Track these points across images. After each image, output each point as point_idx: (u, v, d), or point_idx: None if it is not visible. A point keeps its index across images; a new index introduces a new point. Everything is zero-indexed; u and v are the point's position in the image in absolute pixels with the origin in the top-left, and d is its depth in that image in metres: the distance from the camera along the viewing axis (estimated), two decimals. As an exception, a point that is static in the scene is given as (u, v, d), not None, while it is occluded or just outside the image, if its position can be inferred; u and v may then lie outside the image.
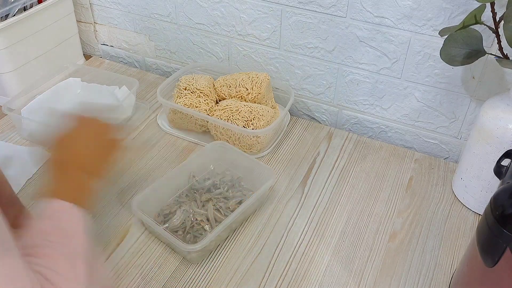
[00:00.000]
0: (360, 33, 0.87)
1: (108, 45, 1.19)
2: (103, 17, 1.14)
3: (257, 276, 0.68)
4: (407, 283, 0.68)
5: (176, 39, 1.08)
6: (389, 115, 0.94)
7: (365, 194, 0.82)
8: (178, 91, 0.93)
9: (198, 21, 1.02)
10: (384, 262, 0.70)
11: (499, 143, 0.70)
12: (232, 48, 1.02)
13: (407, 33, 0.83)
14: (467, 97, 0.85)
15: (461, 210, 0.79)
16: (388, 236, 0.74)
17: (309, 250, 0.72)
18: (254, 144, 0.87)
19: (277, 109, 0.96)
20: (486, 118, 0.71)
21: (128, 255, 0.70)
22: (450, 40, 0.70)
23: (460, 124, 0.88)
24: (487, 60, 0.79)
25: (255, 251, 0.71)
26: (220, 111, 0.88)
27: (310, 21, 0.90)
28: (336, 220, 0.77)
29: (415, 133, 0.93)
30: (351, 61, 0.91)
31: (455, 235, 0.75)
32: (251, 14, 0.95)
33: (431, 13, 0.79)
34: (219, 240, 0.72)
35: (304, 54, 0.94)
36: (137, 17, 1.09)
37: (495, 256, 0.51)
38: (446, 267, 0.70)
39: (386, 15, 0.83)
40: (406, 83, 0.88)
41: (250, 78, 0.91)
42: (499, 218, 0.50)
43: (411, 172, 0.87)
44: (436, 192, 0.82)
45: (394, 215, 0.78)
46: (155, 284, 0.66)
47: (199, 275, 0.68)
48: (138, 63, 1.18)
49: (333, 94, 0.97)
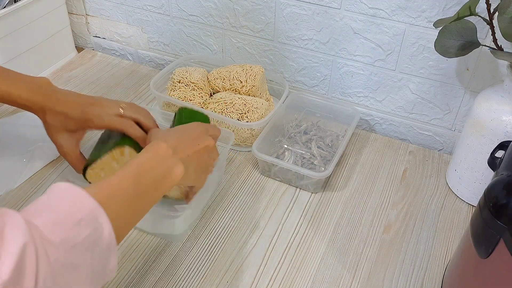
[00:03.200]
0: (354, 24, 0.86)
1: (100, 37, 1.18)
2: (95, 9, 1.13)
3: (252, 269, 0.68)
4: (401, 275, 0.68)
5: (169, 31, 1.07)
6: (383, 107, 0.94)
7: (360, 186, 0.82)
8: (171, 84, 0.92)
9: (192, 12, 1.01)
10: (379, 254, 0.71)
11: (493, 135, 0.70)
12: (226, 40, 1.01)
13: (402, 24, 0.83)
14: (461, 89, 0.85)
15: (455, 201, 0.80)
16: (383, 228, 0.75)
17: (304, 243, 0.72)
18: (249, 137, 0.87)
19: (272, 102, 0.96)
20: (480, 109, 0.72)
21: (122, 249, 0.70)
22: (445, 32, 0.70)
23: (454, 116, 0.88)
24: (481, 51, 0.79)
25: (250, 244, 0.71)
26: (214, 104, 0.87)
27: (304, 12, 0.89)
28: (330, 212, 0.77)
29: (409, 125, 0.93)
30: (345, 53, 0.90)
31: (449, 227, 0.75)
32: (245, 6, 0.94)
33: (426, 4, 0.79)
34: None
35: (298, 46, 0.94)
36: (130, 9, 1.08)
37: (489, 247, 0.51)
38: (440, 258, 0.71)
39: (381, 7, 0.82)
40: (400, 75, 0.88)
41: (244, 70, 0.91)
42: (493, 210, 0.50)
43: (406, 164, 0.87)
44: (430, 184, 0.83)
45: (389, 207, 0.78)
46: (150, 277, 0.66)
47: (194, 267, 0.68)
48: (131, 56, 1.17)
49: (328, 86, 0.96)
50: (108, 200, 0.46)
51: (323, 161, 0.82)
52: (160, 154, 0.55)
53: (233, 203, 0.78)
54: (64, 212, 0.42)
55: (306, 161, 0.82)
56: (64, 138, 0.69)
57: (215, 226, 0.74)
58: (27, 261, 0.36)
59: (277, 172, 0.81)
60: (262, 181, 0.82)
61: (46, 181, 0.80)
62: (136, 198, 0.51)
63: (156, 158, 0.55)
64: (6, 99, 0.67)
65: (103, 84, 1.05)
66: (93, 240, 0.43)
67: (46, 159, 0.83)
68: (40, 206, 0.42)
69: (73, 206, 0.43)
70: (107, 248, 0.44)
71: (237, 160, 0.86)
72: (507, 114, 0.69)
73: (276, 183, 0.82)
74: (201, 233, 0.73)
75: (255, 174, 0.83)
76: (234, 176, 0.83)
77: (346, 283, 0.67)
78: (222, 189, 0.80)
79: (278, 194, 0.80)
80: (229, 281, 0.66)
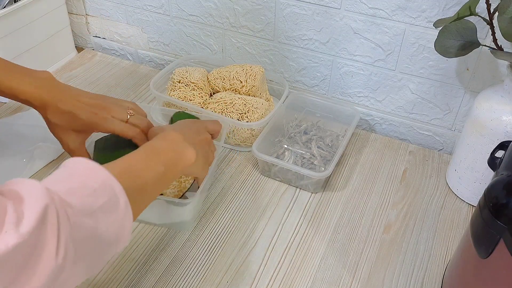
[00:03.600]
0: (354, 24, 0.86)
1: (100, 37, 1.18)
2: (95, 9, 1.13)
3: (252, 269, 0.68)
4: (401, 275, 0.68)
5: (169, 31, 1.07)
6: (383, 107, 0.94)
7: (360, 186, 0.82)
8: (171, 84, 0.92)
9: (192, 12, 1.01)
10: (379, 254, 0.71)
11: (493, 135, 0.70)
12: (226, 40, 1.01)
13: (402, 24, 0.83)
14: (461, 89, 0.85)
15: (455, 201, 0.80)
16: (383, 228, 0.75)
17: (304, 243, 0.72)
18: (249, 137, 0.87)
19: (272, 102, 0.96)
20: (480, 109, 0.72)
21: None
22: (445, 32, 0.70)
23: (454, 116, 0.88)
24: (481, 51, 0.79)
25: (250, 244, 0.71)
26: (214, 104, 0.87)
27: (304, 12, 0.89)
28: (330, 212, 0.77)
29: (409, 125, 0.93)
30: (345, 53, 0.90)
31: (449, 227, 0.75)
32: (245, 6, 0.94)
33: (426, 4, 0.79)
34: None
35: (298, 46, 0.94)
36: (130, 9, 1.08)
37: (489, 247, 0.51)
38: (440, 258, 0.71)
39: (381, 7, 0.82)
40: (400, 75, 0.88)
41: (244, 70, 0.91)
42: (493, 210, 0.50)
43: (406, 164, 0.87)
44: (430, 184, 0.83)
45: (389, 207, 0.78)
46: (150, 277, 0.66)
47: (194, 267, 0.68)
48: (131, 56, 1.16)
49: (328, 86, 0.96)
50: (122, 174, 0.47)
51: (323, 161, 0.82)
52: (172, 139, 0.58)
53: (233, 203, 0.78)
54: (80, 182, 0.43)
55: (306, 161, 0.82)
56: (70, 137, 0.69)
57: (215, 226, 0.74)
58: (49, 219, 0.37)
59: (277, 172, 0.81)
60: (262, 181, 0.82)
61: (46, 181, 0.80)
62: (150, 178, 0.52)
63: (168, 142, 0.57)
64: (7, 93, 0.66)
65: (103, 84, 1.05)
66: (109, 207, 0.44)
67: (46, 159, 0.83)
68: (56, 177, 0.44)
69: (88, 177, 0.44)
70: (123, 216, 0.45)
71: (237, 160, 0.86)
72: (507, 114, 0.69)
73: (276, 183, 0.82)
74: (201, 233, 0.73)
75: (255, 174, 0.83)
76: (234, 176, 0.83)
77: (346, 283, 0.67)
78: (222, 189, 0.80)
79: (278, 194, 0.80)
80: (229, 281, 0.66)
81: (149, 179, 0.52)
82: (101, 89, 1.03)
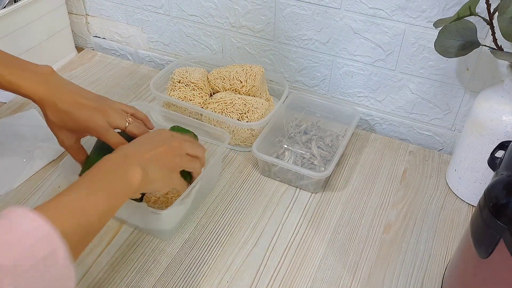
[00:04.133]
0: (354, 24, 0.86)
1: (100, 37, 1.18)
2: (95, 9, 1.13)
3: (252, 268, 0.68)
4: (401, 275, 0.68)
5: (169, 31, 1.07)
6: (383, 107, 0.94)
7: (360, 186, 0.82)
8: (171, 84, 0.92)
9: (192, 12, 1.01)
10: (379, 254, 0.71)
11: (493, 135, 0.70)
12: (226, 40, 1.01)
13: (402, 24, 0.83)
14: (461, 89, 0.85)
15: (455, 201, 0.80)
16: (383, 228, 0.75)
17: (304, 243, 0.72)
18: (249, 137, 0.87)
19: (272, 102, 0.96)
20: (480, 109, 0.72)
21: (122, 249, 0.70)
22: (445, 32, 0.70)
23: (454, 116, 0.88)
24: (481, 51, 0.79)
25: (250, 244, 0.71)
26: (214, 104, 0.87)
27: (304, 12, 0.89)
28: (330, 212, 0.77)
29: (409, 125, 0.93)
30: (345, 53, 0.90)
31: (449, 227, 0.75)
32: (245, 6, 0.94)
33: (426, 4, 0.79)
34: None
35: (298, 46, 0.94)
36: (130, 9, 1.08)
37: (489, 247, 0.51)
38: (440, 258, 0.71)
39: (381, 7, 0.82)
40: (400, 75, 0.88)
41: (244, 70, 0.91)
42: (493, 210, 0.50)
43: (406, 164, 0.87)
44: (430, 184, 0.83)
45: (389, 207, 0.78)
46: (150, 277, 0.66)
47: (194, 267, 0.68)
48: (131, 56, 1.17)
49: (328, 86, 0.96)
50: (60, 216, 0.45)
51: (323, 161, 0.82)
52: (110, 163, 0.55)
53: (233, 203, 0.78)
54: (17, 237, 0.40)
55: (306, 161, 0.82)
56: (66, 135, 0.68)
57: (215, 226, 0.74)
58: None
59: (277, 172, 0.81)
60: (262, 181, 0.82)
61: (46, 181, 0.80)
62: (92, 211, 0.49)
63: (107, 167, 0.54)
64: (7, 87, 0.65)
65: (103, 84, 1.05)
66: (47, 263, 0.41)
67: (46, 159, 0.83)
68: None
69: (25, 232, 0.41)
70: (63, 269, 0.43)
71: (237, 160, 0.86)
72: (507, 114, 0.69)
73: (276, 183, 0.82)
74: (201, 233, 0.73)
75: (255, 174, 0.83)
76: (234, 176, 0.83)
77: (346, 283, 0.67)
78: (222, 189, 0.80)
79: (278, 194, 0.80)
80: (229, 281, 0.66)
81: (92, 213, 0.49)
82: (101, 89, 1.03)
